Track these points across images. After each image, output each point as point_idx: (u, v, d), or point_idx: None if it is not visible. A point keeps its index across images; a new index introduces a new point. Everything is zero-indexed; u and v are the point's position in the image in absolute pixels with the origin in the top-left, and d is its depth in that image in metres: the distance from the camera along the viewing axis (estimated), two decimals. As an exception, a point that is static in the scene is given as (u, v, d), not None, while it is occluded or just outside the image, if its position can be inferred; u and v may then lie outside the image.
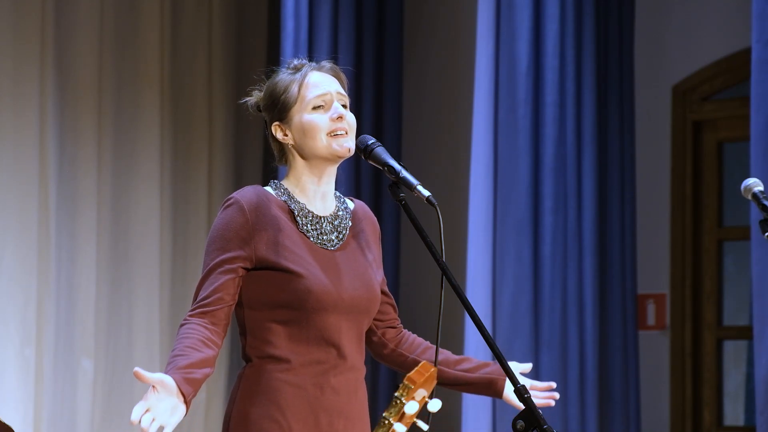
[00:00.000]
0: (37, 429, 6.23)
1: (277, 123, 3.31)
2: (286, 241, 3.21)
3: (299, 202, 3.28)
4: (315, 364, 3.21)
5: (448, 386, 3.44)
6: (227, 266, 3.19)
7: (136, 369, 2.99)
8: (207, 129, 6.99)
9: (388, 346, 3.45)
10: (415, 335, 3.51)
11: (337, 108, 3.29)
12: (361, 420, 3.28)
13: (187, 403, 3.05)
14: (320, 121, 3.27)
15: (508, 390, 3.46)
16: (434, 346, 3.42)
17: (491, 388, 3.47)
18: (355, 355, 3.27)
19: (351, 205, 3.40)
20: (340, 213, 3.34)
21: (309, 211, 3.28)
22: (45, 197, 6.32)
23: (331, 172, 3.32)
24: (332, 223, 3.31)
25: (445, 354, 3.48)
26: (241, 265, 3.20)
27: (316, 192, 3.31)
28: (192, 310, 3.18)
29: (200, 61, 6.97)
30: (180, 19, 6.90)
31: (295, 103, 3.29)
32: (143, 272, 6.66)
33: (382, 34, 6.84)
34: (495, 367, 3.47)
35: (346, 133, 3.28)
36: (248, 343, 3.23)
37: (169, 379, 3.02)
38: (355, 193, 6.48)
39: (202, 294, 3.19)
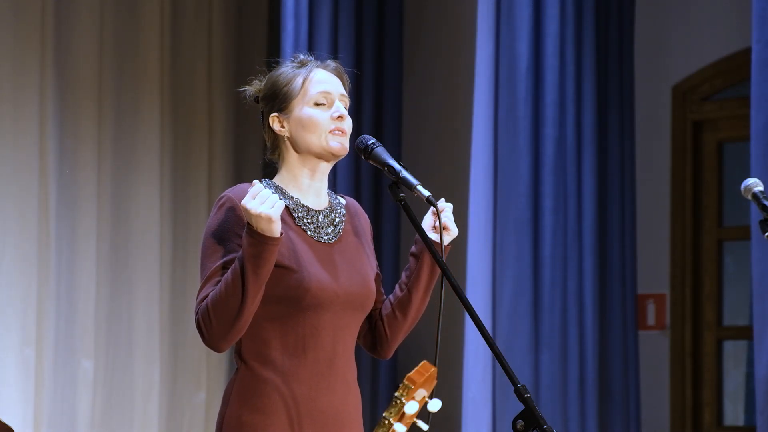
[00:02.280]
0: (37, 429, 6.23)
1: (275, 114, 3.29)
2: (283, 237, 3.20)
3: (293, 197, 3.27)
4: (309, 366, 3.19)
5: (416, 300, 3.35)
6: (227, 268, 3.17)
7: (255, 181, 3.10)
8: (207, 130, 7.00)
9: (375, 329, 3.42)
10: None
11: (339, 108, 3.28)
12: (355, 421, 3.27)
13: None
14: (320, 117, 3.26)
15: (422, 252, 3.34)
16: (391, 296, 3.38)
17: (425, 269, 3.35)
18: (349, 355, 3.26)
19: (342, 200, 3.39)
20: (335, 207, 3.33)
21: (304, 206, 3.27)
22: (45, 198, 6.32)
23: (324, 169, 3.31)
24: (328, 217, 3.30)
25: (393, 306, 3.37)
26: None
27: (310, 187, 3.30)
28: (200, 300, 3.15)
29: (200, 62, 6.97)
30: (180, 21, 6.90)
31: (297, 95, 3.28)
32: (143, 273, 6.67)
33: (382, 34, 6.84)
34: (411, 266, 3.37)
35: (343, 134, 3.28)
36: (242, 344, 3.21)
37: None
38: (355, 193, 6.48)
39: (204, 293, 3.17)
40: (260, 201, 3.04)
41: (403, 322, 3.36)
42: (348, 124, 3.29)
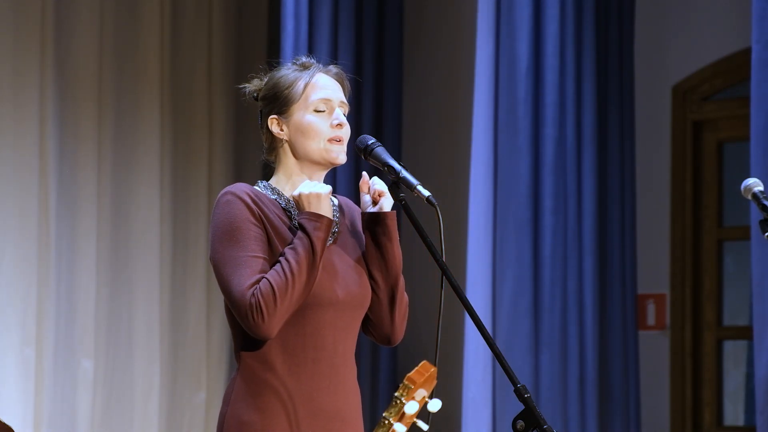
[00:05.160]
0: (37, 429, 6.24)
1: (274, 116, 3.30)
2: (280, 238, 3.20)
3: (290, 200, 3.28)
4: (310, 366, 3.20)
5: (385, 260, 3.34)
6: (257, 257, 3.16)
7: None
8: (207, 130, 7.00)
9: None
10: None
11: (339, 115, 3.28)
12: (356, 421, 3.27)
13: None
14: (320, 124, 3.26)
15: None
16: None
17: (368, 238, 3.34)
18: (349, 354, 3.27)
19: (334, 200, 3.39)
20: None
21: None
22: (45, 198, 6.32)
23: (320, 176, 3.32)
24: None
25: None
26: (265, 256, 3.18)
27: None
28: (251, 285, 3.11)
29: (200, 62, 6.97)
30: (180, 21, 6.90)
31: (298, 100, 3.28)
32: (143, 273, 6.67)
33: (382, 34, 6.84)
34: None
35: (341, 142, 3.28)
36: (242, 344, 3.22)
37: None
38: (355, 193, 6.47)
39: (251, 279, 3.13)
40: (310, 186, 3.18)
41: (378, 296, 3.32)
42: (346, 131, 3.29)
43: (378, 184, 3.32)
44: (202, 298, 6.90)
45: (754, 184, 3.66)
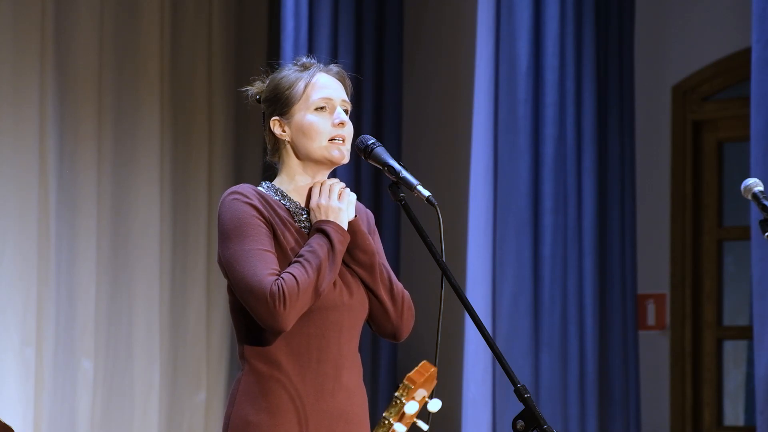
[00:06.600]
0: (37, 429, 6.23)
1: (276, 118, 3.30)
2: (285, 239, 3.20)
3: (294, 201, 3.28)
4: (314, 368, 3.20)
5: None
6: (269, 252, 3.17)
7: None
8: (207, 130, 6.99)
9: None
10: None
11: (340, 114, 3.28)
12: (361, 421, 3.27)
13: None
14: (321, 124, 3.26)
15: None
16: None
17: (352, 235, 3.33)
18: (354, 355, 3.27)
19: None
20: None
21: (305, 209, 3.28)
22: (45, 198, 6.32)
23: (324, 175, 3.32)
24: None
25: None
26: (275, 253, 3.19)
27: None
28: (270, 274, 3.12)
29: (200, 62, 6.97)
30: (180, 20, 6.90)
31: (299, 100, 3.28)
32: (143, 272, 6.66)
33: (382, 34, 6.84)
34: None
35: (344, 141, 3.28)
36: (246, 345, 3.22)
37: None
38: (354, 192, 6.47)
39: (271, 270, 3.14)
40: (327, 194, 3.23)
41: (370, 292, 3.31)
42: (348, 130, 3.29)
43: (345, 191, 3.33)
44: (202, 298, 6.90)
45: (754, 184, 3.66)
